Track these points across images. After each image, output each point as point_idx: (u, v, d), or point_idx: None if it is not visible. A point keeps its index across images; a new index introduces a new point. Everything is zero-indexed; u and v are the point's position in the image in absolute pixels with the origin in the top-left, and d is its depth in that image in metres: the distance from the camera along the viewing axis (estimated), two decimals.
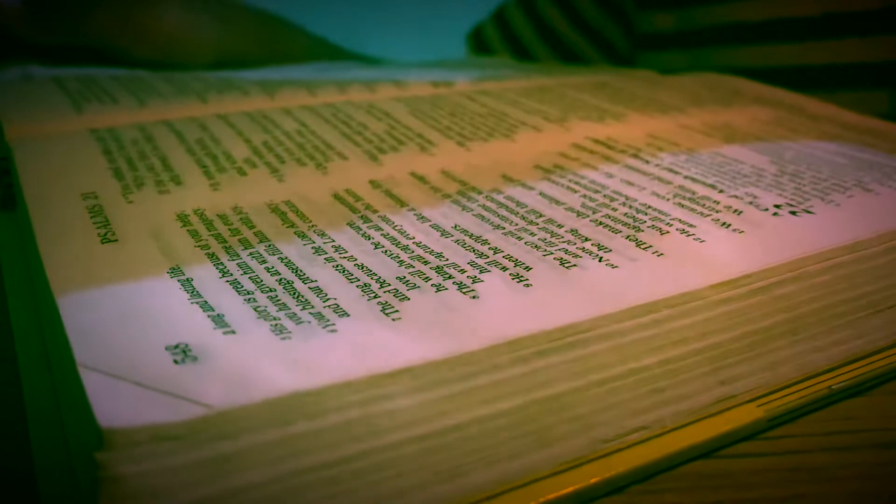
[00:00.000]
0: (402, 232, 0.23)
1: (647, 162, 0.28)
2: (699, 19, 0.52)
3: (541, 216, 0.24)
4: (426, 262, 0.21)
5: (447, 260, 0.21)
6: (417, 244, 0.22)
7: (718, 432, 0.20)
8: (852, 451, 0.20)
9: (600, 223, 0.23)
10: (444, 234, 0.23)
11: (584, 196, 0.25)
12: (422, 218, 0.24)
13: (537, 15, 0.64)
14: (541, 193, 0.25)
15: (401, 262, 0.21)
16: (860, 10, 0.45)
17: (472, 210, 0.24)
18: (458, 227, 0.23)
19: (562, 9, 0.62)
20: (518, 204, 0.25)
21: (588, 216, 0.24)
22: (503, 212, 0.24)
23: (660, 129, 0.32)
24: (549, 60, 0.63)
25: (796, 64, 0.47)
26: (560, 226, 0.23)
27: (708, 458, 0.20)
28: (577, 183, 0.26)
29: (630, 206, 0.24)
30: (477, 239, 0.22)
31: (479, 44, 0.68)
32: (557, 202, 0.25)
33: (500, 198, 0.25)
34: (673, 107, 0.36)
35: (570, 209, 0.24)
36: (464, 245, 0.22)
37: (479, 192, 0.26)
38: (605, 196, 0.25)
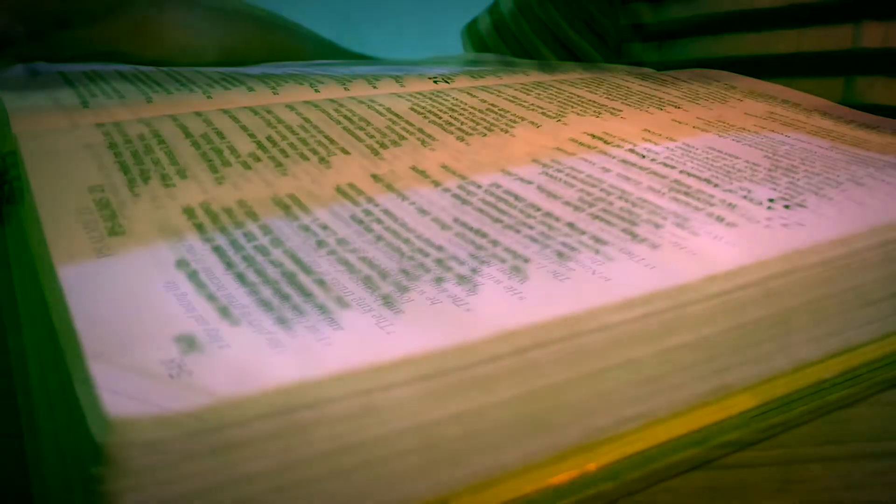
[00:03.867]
0: (403, 225, 0.23)
1: (643, 157, 0.28)
2: (674, 11, 0.53)
3: (539, 209, 0.24)
4: (427, 255, 0.21)
5: (447, 252, 0.21)
6: (418, 237, 0.22)
7: (712, 444, 0.20)
8: (845, 462, 0.20)
9: (597, 217, 0.23)
10: (444, 227, 0.23)
11: (581, 190, 0.25)
12: (422, 211, 0.24)
13: (530, 8, 0.64)
14: (538, 187, 0.26)
15: (402, 255, 0.21)
16: (820, 1, 0.46)
17: (472, 203, 0.25)
18: (457, 221, 0.23)
19: (570, 4, 0.63)
20: (517, 198, 0.25)
21: (585, 210, 0.24)
22: (502, 205, 0.24)
23: (656, 125, 0.33)
24: (543, 52, 0.64)
25: (758, 53, 0.48)
26: (557, 219, 0.23)
27: (701, 469, 0.20)
28: (574, 177, 0.27)
29: (626, 200, 0.25)
30: (476, 232, 0.23)
31: (475, 37, 0.68)
32: (555, 196, 0.25)
33: (499, 192, 0.25)
34: (668, 102, 0.36)
35: (568, 203, 0.25)
36: (463, 238, 0.22)
37: (479, 186, 0.26)
38: (601, 190, 0.25)
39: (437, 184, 0.26)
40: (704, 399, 0.21)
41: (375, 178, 0.27)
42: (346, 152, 0.28)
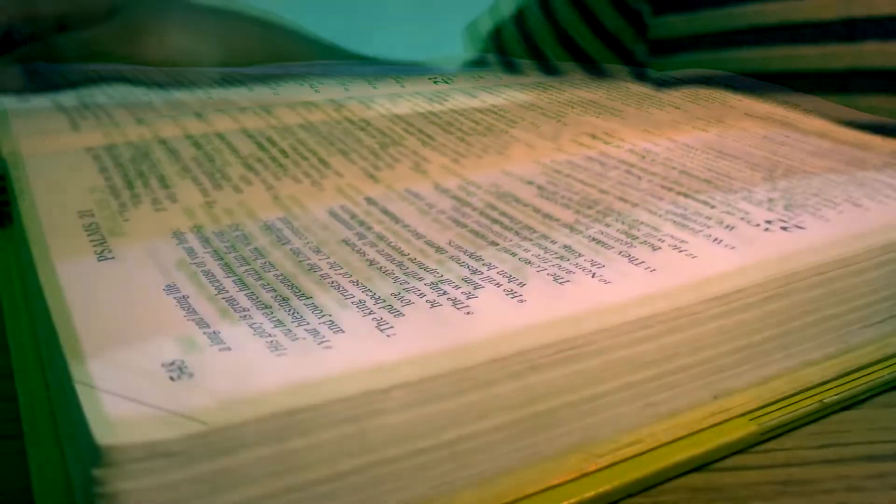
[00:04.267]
0: (403, 226, 0.23)
1: (643, 157, 0.28)
2: (715, 22, 0.53)
3: (538, 211, 0.24)
4: (427, 256, 0.21)
5: (442, 275, 0.21)
6: (412, 260, 0.22)
7: (712, 446, 0.20)
8: (843, 464, 0.21)
9: (593, 239, 0.23)
10: (438, 250, 0.23)
11: (581, 192, 0.25)
12: (423, 212, 0.24)
13: (555, 17, 0.64)
14: (538, 188, 0.26)
15: (395, 278, 0.21)
16: (885, 14, 0.45)
17: (472, 204, 0.25)
18: (457, 222, 0.23)
19: (579, 11, 0.63)
20: (516, 199, 0.25)
21: (584, 211, 0.24)
22: (502, 206, 0.24)
23: (655, 125, 0.33)
24: (544, 53, 0.64)
25: (758, 68, 0.48)
26: (557, 220, 0.23)
27: (700, 471, 0.20)
28: (573, 178, 0.27)
29: (626, 202, 0.25)
30: (476, 233, 0.23)
31: (476, 38, 0.68)
32: (554, 197, 0.25)
33: (499, 192, 0.25)
34: (668, 103, 0.36)
35: (567, 205, 0.24)
36: (458, 261, 0.22)
37: (479, 187, 0.26)
38: (600, 191, 0.25)
39: (436, 185, 0.26)
40: (704, 403, 0.21)
41: (375, 179, 0.27)
42: (346, 153, 0.28)
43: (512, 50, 0.66)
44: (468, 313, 0.19)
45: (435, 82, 0.39)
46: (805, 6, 0.47)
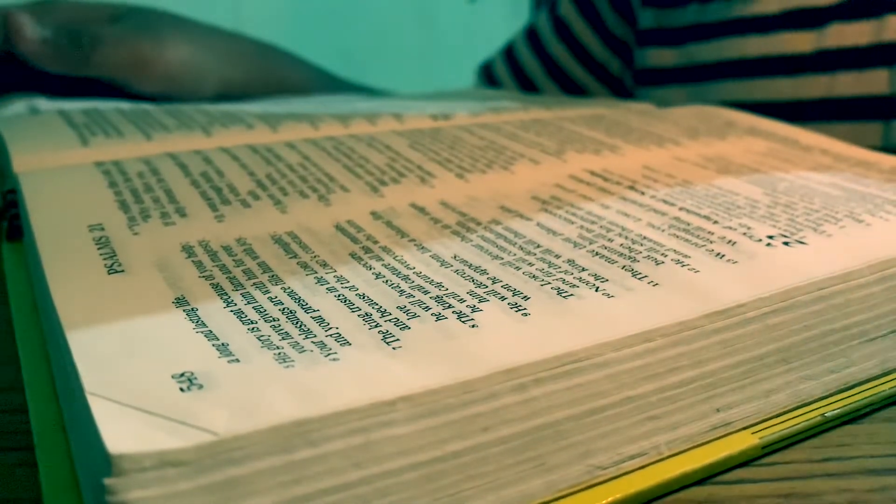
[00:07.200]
0: (402, 262, 0.23)
1: (643, 193, 0.29)
2: (698, 55, 0.54)
3: (538, 246, 0.24)
4: (426, 292, 0.21)
5: (447, 289, 0.21)
6: (417, 274, 0.22)
7: (714, 459, 0.20)
8: (845, 478, 0.21)
9: (597, 254, 0.24)
10: (443, 264, 0.23)
11: (581, 227, 0.26)
12: (422, 248, 0.24)
13: (544, 51, 0.65)
14: (538, 224, 0.26)
15: (401, 292, 0.21)
16: (852, 45, 0.47)
17: (471, 241, 0.25)
18: (457, 258, 0.23)
19: (568, 45, 0.64)
20: (516, 234, 0.25)
21: (584, 247, 0.24)
22: (501, 242, 0.24)
23: (655, 162, 0.33)
24: (555, 94, 0.65)
25: (791, 98, 0.49)
26: (557, 256, 0.23)
27: (703, 484, 0.20)
28: (573, 214, 0.27)
29: (626, 237, 0.25)
30: (476, 269, 0.23)
31: (489, 79, 0.69)
32: (555, 233, 0.25)
33: (499, 228, 0.26)
34: (668, 139, 0.36)
35: (567, 240, 0.25)
36: (463, 275, 0.22)
37: (478, 223, 0.26)
38: (601, 227, 0.25)
39: (436, 221, 0.26)
40: (706, 437, 0.21)
41: (375, 215, 0.27)
42: (345, 189, 0.29)
43: (503, 83, 0.67)
44: (473, 326, 0.20)
45: (434, 119, 0.39)
46: (782, 39, 0.49)
